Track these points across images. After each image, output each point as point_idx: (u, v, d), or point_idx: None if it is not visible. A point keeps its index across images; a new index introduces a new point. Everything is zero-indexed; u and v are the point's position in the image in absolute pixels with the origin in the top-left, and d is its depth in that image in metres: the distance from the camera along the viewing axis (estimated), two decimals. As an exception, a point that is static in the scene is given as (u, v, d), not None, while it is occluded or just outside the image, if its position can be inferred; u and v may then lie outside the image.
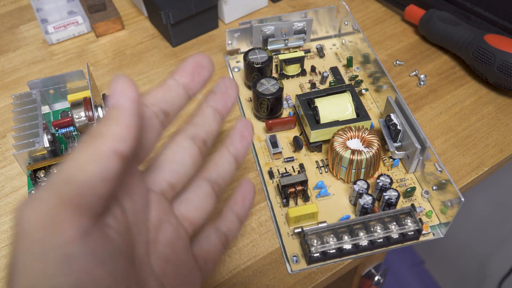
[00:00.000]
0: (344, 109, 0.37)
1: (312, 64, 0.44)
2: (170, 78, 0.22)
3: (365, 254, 0.32)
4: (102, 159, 0.17)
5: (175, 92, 0.22)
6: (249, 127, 0.26)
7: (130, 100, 0.19)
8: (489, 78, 0.41)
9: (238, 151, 0.26)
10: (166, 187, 0.22)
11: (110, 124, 0.18)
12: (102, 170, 0.17)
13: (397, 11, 0.51)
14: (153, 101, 0.21)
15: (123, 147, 0.18)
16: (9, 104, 0.42)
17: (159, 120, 0.21)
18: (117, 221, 0.19)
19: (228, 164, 0.25)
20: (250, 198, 0.27)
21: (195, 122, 0.24)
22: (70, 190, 0.17)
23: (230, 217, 0.26)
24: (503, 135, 0.39)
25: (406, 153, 0.35)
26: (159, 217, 0.22)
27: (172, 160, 0.23)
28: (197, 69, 0.23)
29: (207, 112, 0.24)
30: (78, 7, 0.50)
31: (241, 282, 0.31)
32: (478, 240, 0.87)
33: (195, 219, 0.23)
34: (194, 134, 0.23)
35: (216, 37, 0.48)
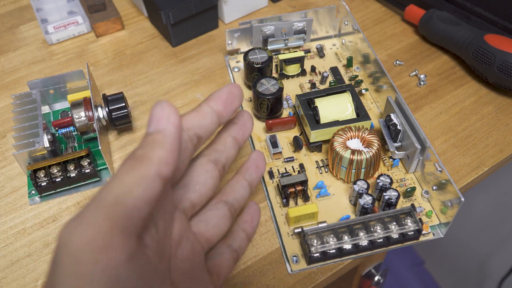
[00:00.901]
0: (344, 109, 0.37)
1: (312, 64, 0.44)
2: (205, 105, 0.24)
3: (365, 254, 0.32)
4: (148, 182, 0.18)
5: (210, 119, 0.23)
6: (263, 159, 0.28)
7: (173, 125, 0.20)
8: (489, 78, 0.41)
9: (252, 179, 0.28)
10: (188, 206, 0.24)
11: (155, 147, 0.19)
12: (147, 193, 0.18)
13: (397, 11, 0.51)
14: (189, 126, 0.23)
15: (167, 170, 0.19)
16: (9, 104, 0.42)
17: (193, 144, 0.23)
18: (153, 239, 0.20)
19: (243, 190, 0.27)
20: (257, 217, 0.29)
21: (217, 148, 0.26)
22: (120, 213, 0.17)
23: (240, 235, 0.27)
24: (503, 135, 0.39)
25: (406, 153, 0.35)
26: (180, 233, 0.23)
27: (196, 181, 0.24)
28: (230, 98, 0.24)
29: (227, 140, 0.26)
30: (78, 7, 0.50)
31: (241, 282, 0.31)
32: (478, 240, 0.87)
33: (211, 237, 0.25)
34: (216, 159, 0.25)
35: (216, 37, 0.48)
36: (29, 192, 0.36)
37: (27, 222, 0.34)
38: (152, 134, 0.20)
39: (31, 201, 0.35)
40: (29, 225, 0.34)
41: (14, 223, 0.34)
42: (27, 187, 0.36)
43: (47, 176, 0.34)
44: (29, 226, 0.34)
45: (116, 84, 0.44)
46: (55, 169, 0.35)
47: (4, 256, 0.33)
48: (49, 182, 0.34)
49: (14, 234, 0.34)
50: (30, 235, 0.34)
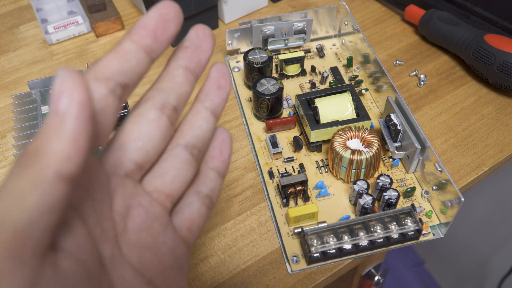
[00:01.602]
0: (344, 109, 0.37)
1: (312, 64, 0.44)
2: (127, 41, 0.18)
3: (365, 254, 0.32)
4: (45, 187, 0.13)
5: (135, 60, 0.18)
6: (226, 74, 0.22)
7: (77, 103, 0.14)
8: (489, 78, 0.41)
9: (215, 104, 0.22)
10: (132, 168, 0.19)
11: (51, 138, 0.14)
12: (46, 200, 0.14)
13: (397, 11, 0.51)
14: (107, 75, 0.17)
15: (70, 167, 0.14)
16: (9, 104, 0.42)
17: (116, 97, 0.17)
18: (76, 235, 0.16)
19: (205, 122, 0.21)
20: (228, 148, 0.23)
21: (163, 87, 0.20)
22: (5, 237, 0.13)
23: (210, 175, 0.22)
24: (503, 135, 0.39)
25: (406, 153, 0.35)
26: (125, 204, 0.19)
27: (136, 137, 0.19)
28: (162, 24, 0.19)
29: (177, 73, 0.20)
30: (78, 7, 0.50)
31: (241, 282, 0.31)
32: (478, 240, 0.87)
33: (173, 192, 0.20)
34: (162, 102, 0.19)
35: (216, 37, 0.48)
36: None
37: (27, 222, 0.34)
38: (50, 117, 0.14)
39: (31, 201, 0.35)
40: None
41: (14, 223, 0.34)
42: (27, 187, 0.36)
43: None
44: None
45: (116, 84, 0.44)
46: None
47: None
48: (49, 182, 0.34)
49: (14, 234, 0.34)
50: (30, 235, 0.34)
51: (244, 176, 0.37)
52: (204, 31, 0.21)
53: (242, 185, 0.36)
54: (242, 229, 0.34)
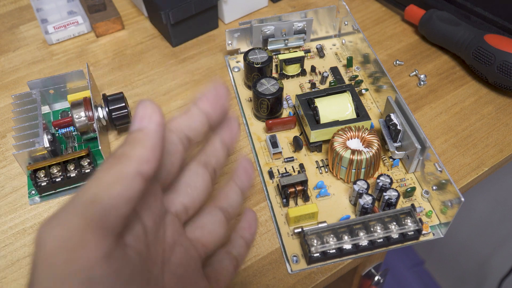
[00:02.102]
0: (344, 109, 0.37)
1: (312, 64, 0.44)
2: (193, 107, 0.23)
3: (365, 254, 0.32)
4: (127, 181, 0.18)
5: (199, 120, 0.23)
6: (251, 164, 0.28)
7: (155, 123, 0.19)
8: (489, 78, 0.41)
9: (243, 185, 0.27)
10: (180, 209, 0.24)
11: (136, 146, 0.19)
12: (126, 192, 0.18)
13: (397, 11, 0.51)
14: (178, 127, 0.22)
15: (147, 168, 0.19)
16: (9, 104, 0.42)
17: (183, 146, 0.22)
18: (138, 239, 0.20)
19: (236, 195, 0.27)
20: (255, 224, 0.28)
21: (207, 151, 0.25)
22: (96, 211, 0.17)
23: (239, 242, 0.27)
24: (503, 135, 0.39)
25: (406, 153, 0.35)
26: (173, 238, 0.23)
27: (187, 184, 0.24)
28: (218, 98, 0.24)
29: (216, 143, 0.26)
30: (78, 7, 0.50)
31: (241, 282, 0.31)
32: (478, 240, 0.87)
33: (208, 243, 0.25)
34: (206, 162, 0.25)
35: (216, 37, 0.48)
36: (29, 192, 0.36)
37: (27, 222, 0.34)
38: (133, 132, 0.19)
39: (31, 201, 0.35)
40: (29, 225, 0.34)
41: (14, 223, 0.34)
42: (27, 187, 0.36)
43: (47, 176, 0.34)
44: (29, 226, 0.34)
45: (116, 84, 0.44)
46: (55, 169, 0.35)
47: (4, 256, 0.33)
48: (49, 182, 0.34)
49: (14, 234, 0.34)
50: (30, 235, 0.34)
51: (244, 176, 0.37)
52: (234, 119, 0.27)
53: (242, 185, 0.36)
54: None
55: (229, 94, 0.24)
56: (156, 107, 0.20)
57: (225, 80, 0.44)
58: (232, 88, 0.43)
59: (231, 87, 0.43)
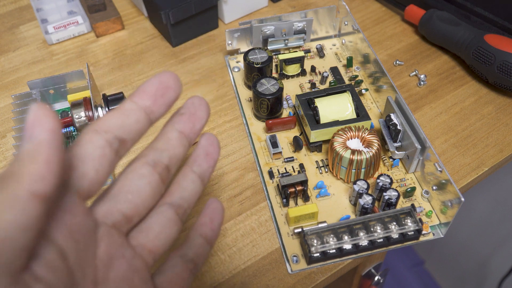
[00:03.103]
0: (344, 109, 0.37)
1: (312, 64, 0.44)
2: (128, 101, 0.20)
3: (365, 254, 0.32)
4: (19, 205, 0.15)
5: (134, 117, 0.20)
6: (215, 143, 0.24)
7: (47, 131, 0.16)
8: (489, 78, 0.41)
9: (203, 170, 0.23)
10: (120, 219, 0.20)
11: (25, 161, 0.15)
12: (20, 218, 0.15)
13: (397, 11, 0.51)
14: (106, 128, 0.19)
15: (43, 186, 0.15)
16: (9, 104, 0.42)
17: (113, 149, 0.19)
18: (52, 268, 0.17)
19: (192, 184, 0.23)
20: (219, 218, 0.25)
21: (157, 146, 0.22)
22: None
23: (198, 241, 0.24)
24: (503, 135, 0.39)
25: (406, 153, 0.35)
26: (109, 252, 0.20)
27: (127, 190, 0.21)
28: (161, 90, 0.21)
29: (171, 135, 0.22)
30: (78, 7, 0.50)
31: (241, 282, 0.31)
32: (478, 240, 0.87)
33: (156, 248, 0.22)
34: (155, 160, 0.21)
35: (216, 37, 0.48)
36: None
37: (27, 222, 0.34)
38: (23, 146, 0.16)
39: (31, 201, 0.35)
40: (29, 225, 0.34)
41: (14, 223, 0.34)
42: (27, 187, 0.36)
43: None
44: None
45: (116, 84, 0.44)
46: None
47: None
48: (49, 182, 0.34)
49: (14, 234, 0.34)
50: (30, 235, 0.34)
51: (244, 176, 0.37)
52: (200, 101, 0.23)
53: (242, 185, 0.36)
54: (242, 229, 0.34)
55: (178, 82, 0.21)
56: (47, 110, 0.16)
57: (225, 80, 0.44)
58: (232, 88, 0.43)
59: (231, 87, 0.43)
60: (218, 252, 0.33)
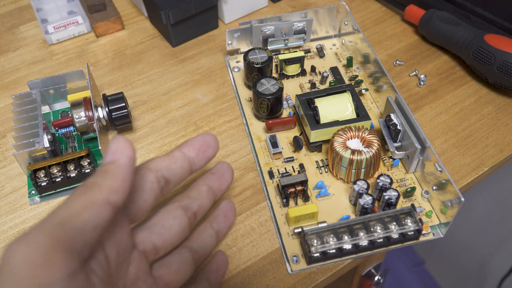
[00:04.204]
0: (344, 109, 0.37)
1: (312, 64, 0.44)
2: (177, 150, 0.24)
3: (365, 254, 0.32)
4: (96, 208, 0.19)
5: (180, 164, 0.24)
6: (233, 209, 0.28)
7: (126, 157, 0.20)
8: (489, 78, 0.41)
9: (220, 228, 0.28)
10: (150, 248, 0.24)
11: (106, 176, 0.20)
12: (94, 218, 0.19)
13: (397, 11, 0.51)
14: (158, 167, 0.23)
15: (116, 198, 0.19)
16: (9, 104, 0.42)
17: (160, 186, 0.23)
18: (101, 268, 0.20)
19: (210, 238, 0.27)
20: (223, 268, 0.28)
21: (190, 195, 0.26)
22: (64, 233, 0.18)
23: (203, 285, 0.27)
24: (503, 135, 0.39)
25: (406, 153, 0.35)
26: (136, 274, 0.23)
27: (161, 225, 0.24)
28: (204, 147, 0.25)
29: (202, 189, 0.26)
30: (78, 7, 0.50)
31: (241, 282, 0.31)
32: (478, 240, 0.87)
33: (171, 282, 0.25)
34: (187, 206, 0.25)
35: (216, 37, 0.48)
36: (29, 192, 0.36)
37: (27, 222, 0.34)
38: (105, 164, 0.20)
39: (31, 201, 0.35)
40: (29, 225, 0.34)
41: (14, 223, 0.34)
42: (27, 187, 0.36)
43: (47, 176, 0.34)
44: (29, 226, 0.34)
45: (116, 84, 0.44)
46: (55, 169, 0.35)
47: (4, 256, 0.33)
48: (49, 182, 0.34)
49: (14, 234, 0.34)
50: (30, 235, 0.34)
51: (244, 176, 0.37)
52: (228, 167, 0.28)
53: (242, 185, 0.36)
54: (242, 229, 0.34)
55: (217, 143, 0.25)
56: (129, 142, 0.21)
57: (225, 80, 0.44)
58: (232, 88, 0.43)
59: (231, 87, 0.43)
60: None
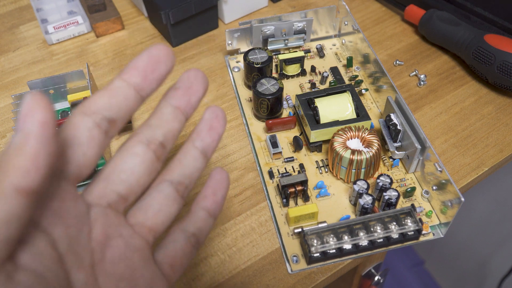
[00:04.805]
0: (344, 109, 0.37)
1: (312, 64, 0.44)
2: (116, 79, 0.19)
3: (365, 254, 0.32)
4: (3, 199, 0.14)
5: (123, 96, 0.19)
6: (220, 116, 0.22)
7: (38, 123, 0.15)
8: (489, 78, 0.41)
9: (206, 144, 0.22)
10: (115, 199, 0.20)
11: (13, 155, 0.15)
12: (4, 212, 0.14)
13: (397, 11, 0.51)
14: (94, 109, 0.18)
15: (28, 181, 0.15)
16: (9, 104, 0.42)
17: (102, 130, 0.19)
18: (40, 257, 0.17)
19: (194, 161, 0.22)
20: (222, 189, 0.23)
21: (151, 123, 0.21)
22: None
23: (200, 215, 0.23)
24: (503, 135, 0.39)
25: (406, 153, 0.35)
26: (105, 233, 0.20)
27: (120, 170, 0.20)
28: (151, 65, 0.19)
29: (165, 111, 0.21)
30: (78, 7, 0.50)
31: (241, 282, 0.31)
32: (478, 240, 0.87)
33: (155, 226, 0.21)
34: (149, 138, 0.21)
35: (216, 37, 0.48)
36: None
37: (27, 222, 0.34)
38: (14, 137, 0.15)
39: (31, 201, 0.35)
40: (29, 225, 0.34)
41: (14, 223, 0.34)
42: (27, 187, 0.36)
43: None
44: (29, 226, 0.34)
45: (116, 84, 0.44)
46: None
47: (4, 256, 0.33)
48: (49, 182, 0.34)
49: (14, 234, 0.34)
50: (30, 235, 0.34)
51: (244, 176, 0.37)
52: (196, 73, 0.22)
53: (242, 185, 0.36)
54: (242, 229, 0.34)
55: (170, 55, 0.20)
56: (41, 99, 0.15)
57: (225, 80, 0.44)
58: (232, 88, 0.43)
59: (231, 87, 0.43)
60: (218, 252, 0.33)
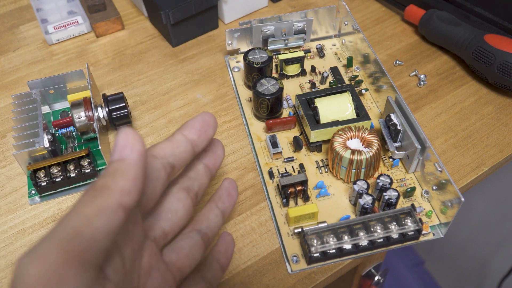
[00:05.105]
0: (344, 109, 0.37)
1: (312, 64, 0.44)
2: (179, 134, 0.24)
3: (365, 254, 0.32)
4: (109, 214, 0.17)
5: (183, 148, 0.23)
6: (235, 187, 0.29)
7: (137, 153, 0.19)
8: (489, 78, 0.41)
9: (225, 207, 0.28)
10: (159, 235, 0.24)
11: (117, 177, 0.18)
12: (108, 225, 0.17)
13: (397, 11, 0.51)
14: (162, 154, 0.22)
15: (129, 200, 0.18)
16: (9, 104, 0.42)
17: (166, 172, 0.22)
18: (116, 271, 0.20)
19: (216, 217, 0.27)
20: (231, 248, 0.29)
21: (189, 176, 0.26)
22: (76, 246, 0.17)
23: (214, 266, 0.27)
24: (503, 135, 0.39)
25: (406, 153, 0.35)
26: (150, 263, 0.23)
27: (168, 209, 0.24)
28: (205, 127, 0.24)
29: (199, 167, 0.26)
30: (78, 7, 0.50)
31: (241, 282, 0.31)
32: (478, 240, 0.87)
33: (183, 267, 0.25)
34: (188, 187, 0.25)
35: (216, 37, 0.48)
36: (29, 192, 0.36)
37: (27, 222, 0.34)
38: (114, 162, 0.19)
39: (31, 201, 0.35)
40: (29, 225, 0.34)
41: (14, 223, 0.34)
42: (27, 187, 0.36)
43: (47, 176, 0.34)
44: (29, 226, 0.34)
45: (116, 84, 0.44)
46: (55, 169, 0.35)
47: (4, 256, 0.33)
48: (49, 182, 0.34)
49: (14, 234, 0.34)
50: (30, 235, 0.34)
51: (244, 176, 0.37)
52: (219, 143, 0.27)
53: (242, 185, 0.36)
54: (242, 229, 0.34)
55: (216, 122, 0.25)
56: (138, 135, 0.19)
57: (225, 80, 0.44)
58: (232, 88, 0.43)
59: (231, 87, 0.43)
60: (218, 252, 0.33)
